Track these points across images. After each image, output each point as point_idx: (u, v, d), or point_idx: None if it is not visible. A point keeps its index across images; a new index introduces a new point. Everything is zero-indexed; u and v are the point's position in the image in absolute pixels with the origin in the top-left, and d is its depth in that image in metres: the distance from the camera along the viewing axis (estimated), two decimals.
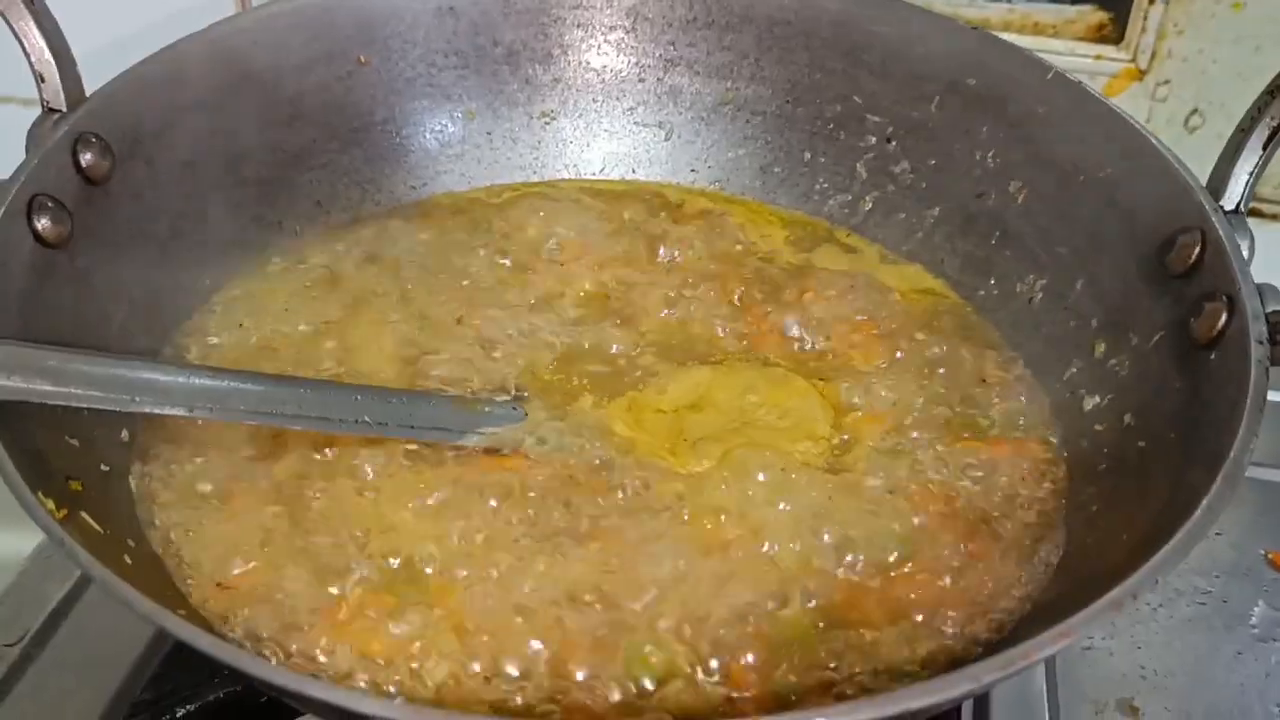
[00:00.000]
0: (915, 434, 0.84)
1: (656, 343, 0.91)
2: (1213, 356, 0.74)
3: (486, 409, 0.84)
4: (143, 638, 0.83)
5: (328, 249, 0.97)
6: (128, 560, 0.69)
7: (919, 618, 0.73)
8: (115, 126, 0.83)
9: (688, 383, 0.88)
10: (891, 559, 0.76)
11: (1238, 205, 0.80)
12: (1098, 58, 1.13)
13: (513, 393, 0.86)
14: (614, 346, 0.91)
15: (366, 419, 0.79)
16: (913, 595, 0.74)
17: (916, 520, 0.78)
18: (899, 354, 0.91)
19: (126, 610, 0.58)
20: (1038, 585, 0.75)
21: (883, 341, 0.92)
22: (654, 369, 0.89)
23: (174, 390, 0.73)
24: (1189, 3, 1.08)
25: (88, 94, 0.83)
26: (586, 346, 0.90)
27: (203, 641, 0.56)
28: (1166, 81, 1.12)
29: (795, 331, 0.92)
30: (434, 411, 0.82)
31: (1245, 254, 0.77)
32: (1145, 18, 1.10)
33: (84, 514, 0.68)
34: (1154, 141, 0.85)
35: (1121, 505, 0.74)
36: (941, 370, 0.90)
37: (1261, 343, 0.70)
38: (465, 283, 0.95)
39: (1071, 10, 1.13)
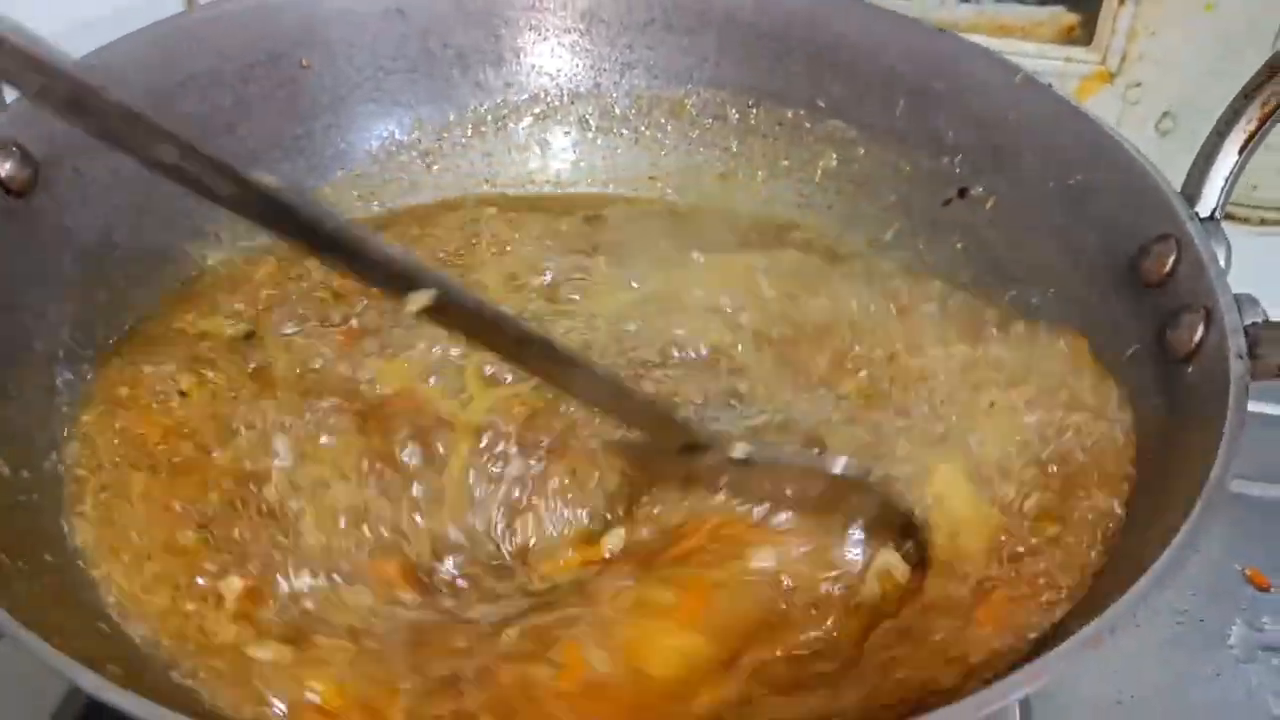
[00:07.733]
0: None
1: None
2: (1190, 370, 0.71)
3: None
4: None
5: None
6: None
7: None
8: (38, 134, 0.78)
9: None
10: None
11: (1213, 212, 0.78)
12: (1068, 60, 1.11)
13: None
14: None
15: None
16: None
17: None
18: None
19: None
20: None
21: None
22: None
23: None
24: (1160, 4, 1.06)
25: (8, 98, 0.79)
26: None
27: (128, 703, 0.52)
28: (1138, 84, 1.11)
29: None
30: None
31: (1222, 262, 0.74)
32: (1115, 19, 1.08)
33: None
34: (1126, 146, 0.82)
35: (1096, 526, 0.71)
36: None
37: (1241, 357, 0.67)
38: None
39: (1041, 12, 1.12)
